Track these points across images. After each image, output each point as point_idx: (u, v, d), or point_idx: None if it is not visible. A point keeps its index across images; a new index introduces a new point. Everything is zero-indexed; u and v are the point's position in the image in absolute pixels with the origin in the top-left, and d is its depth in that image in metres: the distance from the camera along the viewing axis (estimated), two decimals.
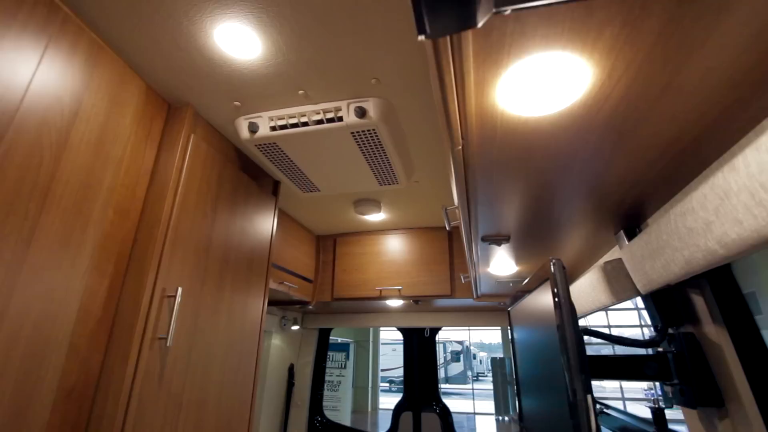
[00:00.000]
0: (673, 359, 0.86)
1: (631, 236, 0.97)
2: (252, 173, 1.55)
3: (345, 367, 7.34)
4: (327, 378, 6.96)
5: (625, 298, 1.03)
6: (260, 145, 1.30)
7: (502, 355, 9.73)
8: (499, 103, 0.51)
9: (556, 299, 0.62)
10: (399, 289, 2.25)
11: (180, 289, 1.04)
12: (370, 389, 9.36)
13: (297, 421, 2.88)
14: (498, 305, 2.38)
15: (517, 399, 1.15)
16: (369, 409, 9.07)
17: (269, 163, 1.43)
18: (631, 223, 0.97)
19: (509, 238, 1.09)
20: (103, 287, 0.96)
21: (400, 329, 3.13)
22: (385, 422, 2.85)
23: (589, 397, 0.59)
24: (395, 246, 2.37)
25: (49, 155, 0.83)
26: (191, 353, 1.11)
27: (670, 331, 0.90)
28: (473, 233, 1.05)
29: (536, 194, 0.85)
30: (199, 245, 1.18)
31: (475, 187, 0.83)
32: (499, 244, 1.10)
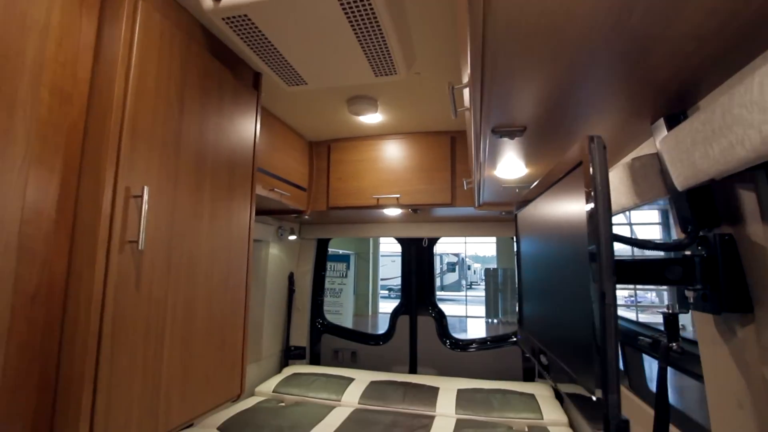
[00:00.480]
0: (700, 263, 0.77)
1: (672, 124, 0.82)
2: (226, 61, 1.33)
3: (346, 276, 7.71)
4: (329, 286, 7.35)
5: (650, 199, 0.91)
6: (229, 18, 1.07)
7: (495, 266, 10.21)
8: None
9: (593, 186, 0.49)
10: (397, 198, 2.14)
11: (147, 189, 0.92)
12: (370, 296, 9.99)
13: (299, 323, 3.01)
14: (499, 215, 2.31)
15: (518, 305, 1.11)
16: (369, 313, 9.79)
17: (244, 45, 1.20)
18: (676, 108, 0.81)
19: (524, 129, 0.93)
20: (53, 184, 0.84)
21: (399, 239, 3.12)
22: (384, 324, 2.99)
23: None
24: (394, 152, 2.21)
25: None
26: (171, 258, 1.02)
27: (701, 233, 0.80)
28: (484, 123, 0.89)
29: (563, 73, 0.68)
30: (166, 140, 1.02)
31: (493, 62, 0.65)
32: (512, 137, 0.94)
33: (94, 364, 0.81)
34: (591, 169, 0.50)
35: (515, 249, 1.20)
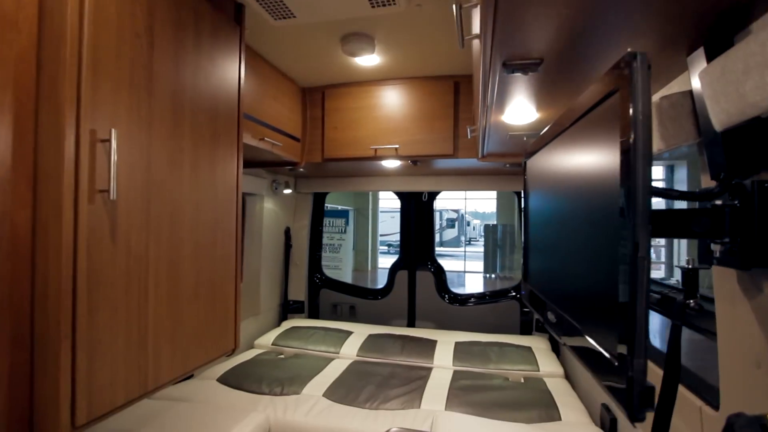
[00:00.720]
0: (731, 213, 0.69)
1: (714, 53, 0.70)
2: None
3: (345, 232, 7.71)
4: (328, 242, 7.37)
5: (676, 143, 0.82)
6: None
7: (495, 222, 10.24)
8: None
9: (633, 117, 0.40)
10: (396, 149, 2.03)
11: (115, 132, 0.82)
12: (369, 251, 10.11)
13: (297, 278, 3.01)
14: (503, 167, 2.21)
15: (522, 259, 1.05)
16: (369, 268, 9.94)
17: None
18: (721, 34, 0.69)
19: (540, 62, 0.81)
20: (4, 125, 0.74)
21: (398, 194, 3.04)
22: (383, 279, 2.99)
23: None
24: (392, 99, 2.07)
25: None
26: (150, 210, 0.94)
27: (735, 181, 0.72)
28: (494, 54, 0.78)
29: None
30: (135, 79, 0.91)
31: None
32: (525, 71, 0.83)
33: (70, 320, 0.75)
34: (632, 95, 0.41)
35: (522, 200, 1.12)
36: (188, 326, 1.07)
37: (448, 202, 17.25)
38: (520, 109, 1.13)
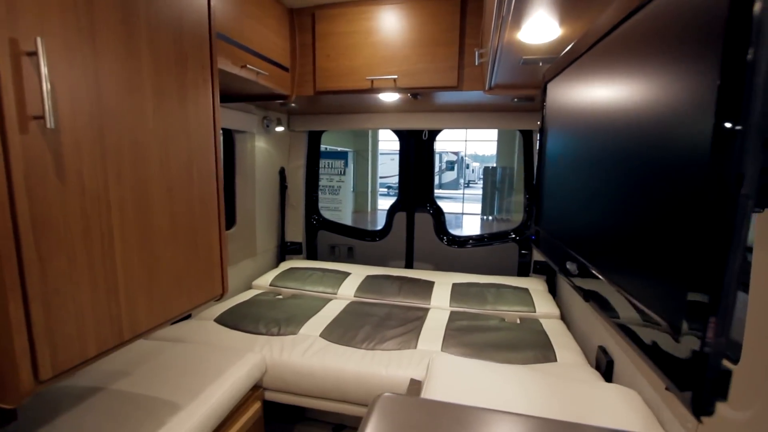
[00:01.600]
0: None
1: None
2: None
3: (344, 173, 7.56)
4: (327, 183, 7.25)
5: None
6: None
7: (494, 165, 10.05)
8: None
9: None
10: (394, 79, 1.84)
11: (41, 41, 0.66)
12: (369, 193, 10.03)
13: (294, 220, 2.94)
14: (510, 101, 2.02)
15: (535, 201, 0.94)
16: (369, 210, 9.93)
17: None
18: None
19: None
20: None
21: (397, 132, 2.86)
22: (383, 221, 2.92)
23: None
24: (390, 22, 1.82)
25: None
26: (105, 142, 0.81)
27: None
28: None
29: None
30: None
31: None
32: None
33: (16, 269, 0.66)
34: None
35: (539, 134, 0.97)
36: (167, 272, 0.99)
37: (447, 144, 16.84)
38: (540, 23, 0.95)
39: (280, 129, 2.67)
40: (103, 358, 0.85)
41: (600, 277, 0.61)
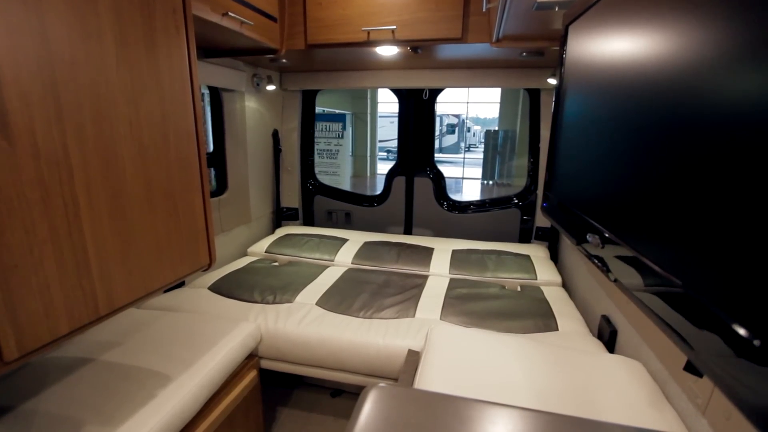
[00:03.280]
0: None
1: None
2: None
3: (342, 137, 7.36)
4: (325, 147, 7.07)
5: None
6: None
7: (496, 128, 9.79)
8: None
9: None
10: (392, 30, 1.68)
11: None
12: (368, 157, 9.84)
13: (289, 185, 2.84)
14: (518, 56, 1.87)
15: (546, 165, 0.85)
16: (368, 174, 9.79)
17: None
18: None
19: None
20: None
21: (395, 91, 2.70)
22: (382, 185, 2.83)
23: None
24: None
25: None
26: (60, 98, 0.71)
27: None
28: None
29: None
30: None
31: None
32: None
33: None
34: None
35: (556, 88, 0.86)
36: (144, 242, 0.92)
37: (449, 106, 16.37)
38: None
39: (271, 88, 2.52)
40: (93, 329, 0.80)
41: (631, 251, 0.54)
